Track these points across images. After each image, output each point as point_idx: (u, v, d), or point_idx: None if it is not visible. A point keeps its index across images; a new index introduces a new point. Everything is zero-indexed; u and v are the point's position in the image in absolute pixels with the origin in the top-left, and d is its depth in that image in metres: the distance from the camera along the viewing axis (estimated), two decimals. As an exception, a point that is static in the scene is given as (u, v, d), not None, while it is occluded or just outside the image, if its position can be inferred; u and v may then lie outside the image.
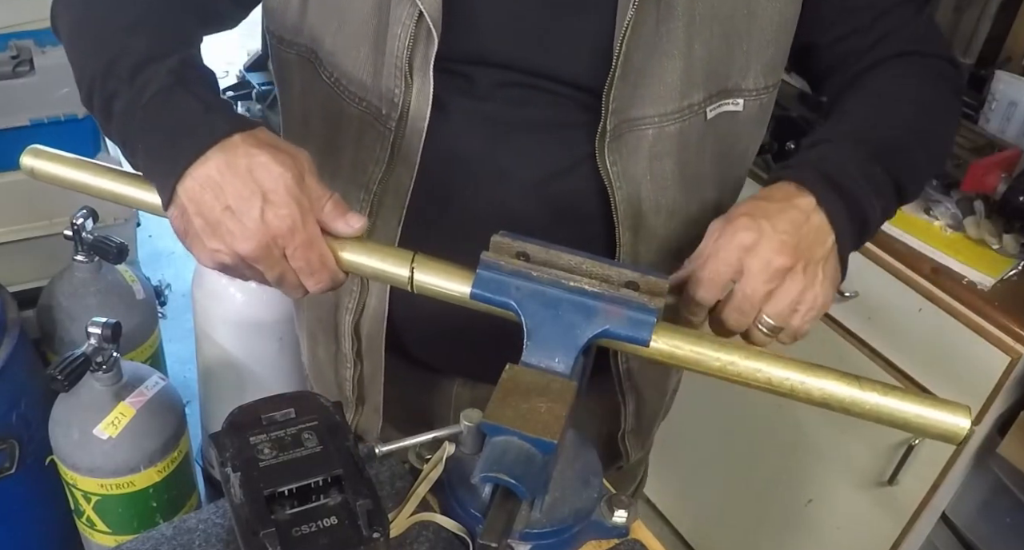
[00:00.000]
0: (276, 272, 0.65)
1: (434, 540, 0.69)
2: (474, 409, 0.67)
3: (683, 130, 0.78)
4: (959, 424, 0.60)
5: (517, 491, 0.58)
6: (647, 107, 0.76)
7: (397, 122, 0.77)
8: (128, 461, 1.38)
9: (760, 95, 0.81)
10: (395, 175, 0.80)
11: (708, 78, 0.77)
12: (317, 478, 0.63)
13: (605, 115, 0.75)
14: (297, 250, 0.64)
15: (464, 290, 0.66)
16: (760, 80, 0.80)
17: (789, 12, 0.78)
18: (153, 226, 2.63)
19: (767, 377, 0.63)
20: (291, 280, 0.66)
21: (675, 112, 0.77)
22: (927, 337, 1.32)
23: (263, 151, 0.63)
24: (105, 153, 1.78)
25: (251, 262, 0.64)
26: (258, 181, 0.62)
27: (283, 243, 0.63)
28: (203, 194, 0.63)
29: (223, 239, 0.63)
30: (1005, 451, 1.29)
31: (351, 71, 0.78)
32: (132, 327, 1.61)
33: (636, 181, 0.78)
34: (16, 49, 1.58)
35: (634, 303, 0.63)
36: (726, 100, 0.79)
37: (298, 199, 0.63)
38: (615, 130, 0.76)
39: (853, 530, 1.53)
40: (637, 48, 0.73)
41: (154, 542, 0.67)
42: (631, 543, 0.70)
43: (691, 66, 0.75)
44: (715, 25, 0.75)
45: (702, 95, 0.77)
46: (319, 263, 0.65)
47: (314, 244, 0.65)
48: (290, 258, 0.64)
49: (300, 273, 0.65)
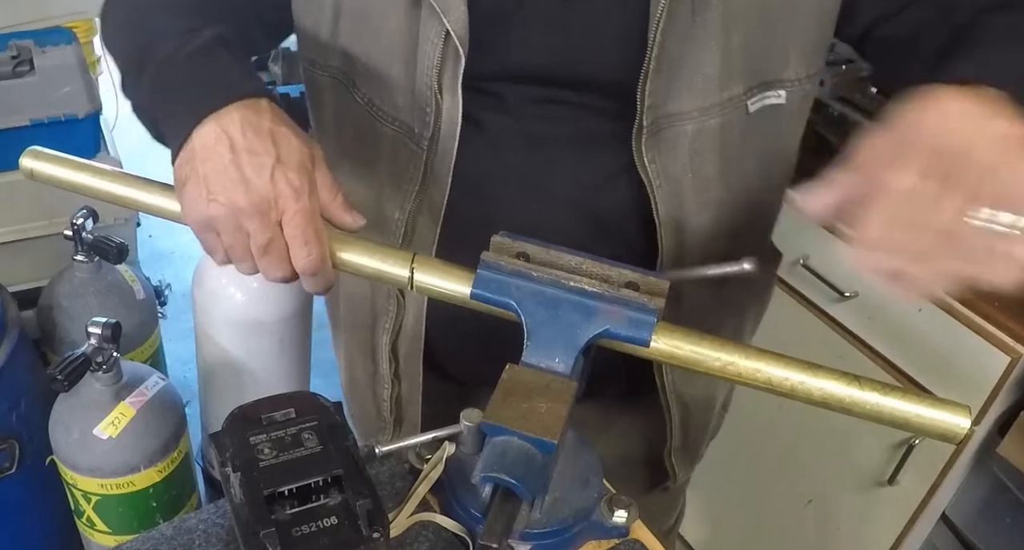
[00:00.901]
0: (266, 236, 0.62)
1: (434, 540, 0.69)
2: (474, 409, 0.67)
3: (724, 125, 0.76)
4: (959, 424, 0.60)
5: (517, 491, 0.58)
6: (685, 101, 0.74)
7: (429, 141, 0.77)
8: (128, 461, 1.38)
9: (803, 84, 0.78)
10: (428, 194, 0.80)
11: (748, 69, 0.75)
12: (317, 478, 0.63)
13: (641, 110, 0.73)
14: (296, 215, 0.62)
15: (464, 290, 0.66)
16: (801, 69, 0.77)
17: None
18: (153, 226, 2.63)
19: (767, 377, 0.63)
20: (279, 249, 0.63)
21: (715, 106, 0.75)
22: (927, 337, 1.32)
23: (287, 126, 0.64)
24: (105, 153, 1.78)
25: (245, 218, 0.62)
26: (276, 144, 0.62)
27: (284, 206, 0.62)
28: (217, 143, 0.62)
29: (224, 187, 0.61)
30: (1005, 451, 1.29)
31: (383, 91, 0.78)
32: (132, 327, 1.61)
33: (677, 179, 0.77)
34: (16, 49, 1.58)
35: (634, 303, 0.63)
36: (768, 92, 0.77)
37: (309, 173, 0.63)
38: (652, 126, 0.74)
39: (853, 530, 1.53)
40: (673, 38, 0.71)
41: (154, 542, 0.67)
42: (631, 543, 0.70)
43: (729, 57, 0.73)
44: (752, 13, 0.73)
45: (742, 87, 0.75)
46: (314, 237, 0.63)
47: (314, 217, 0.63)
48: (286, 224, 0.62)
49: (292, 242, 0.63)
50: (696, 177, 0.77)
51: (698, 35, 0.72)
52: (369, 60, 0.78)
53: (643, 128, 0.74)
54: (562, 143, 0.79)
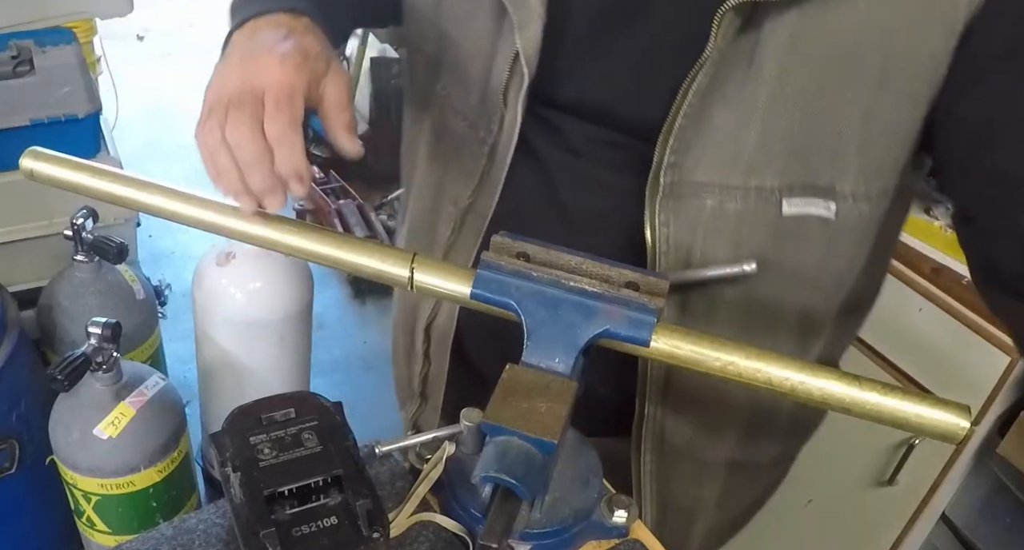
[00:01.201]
0: (245, 113, 0.61)
1: (434, 540, 0.69)
2: (474, 409, 0.67)
3: (745, 215, 0.70)
4: (959, 424, 0.60)
5: (517, 491, 0.58)
6: (709, 172, 0.70)
7: (490, 148, 0.79)
8: (128, 461, 1.38)
9: (859, 204, 0.70)
10: (481, 198, 0.81)
11: (789, 163, 0.68)
12: (317, 478, 0.63)
13: (659, 165, 0.70)
14: (280, 101, 0.62)
15: (464, 290, 0.66)
16: (860, 185, 0.69)
17: (909, 116, 0.67)
18: (153, 226, 2.63)
19: (767, 377, 0.63)
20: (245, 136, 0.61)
21: (739, 189, 0.70)
22: (927, 337, 1.32)
23: (315, 35, 0.68)
24: (105, 153, 1.78)
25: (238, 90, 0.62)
26: (303, 44, 0.65)
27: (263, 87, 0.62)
28: (256, 29, 0.68)
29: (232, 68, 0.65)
30: (1005, 451, 1.29)
31: (460, 88, 0.81)
32: (132, 327, 1.61)
33: (686, 250, 0.73)
34: (16, 49, 1.58)
35: (634, 303, 0.63)
36: (813, 199, 0.69)
37: (319, 77, 0.65)
38: (673, 188, 0.71)
39: (853, 530, 1.53)
40: (712, 99, 0.68)
41: (154, 542, 0.67)
42: (631, 543, 0.70)
43: (769, 142, 0.68)
44: (808, 103, 0.67)
45: (777, 181, 0.69)
46: (290, 131, 0.62)
47: (297, 113, 0.63)
48: (267, 107, 0.62)
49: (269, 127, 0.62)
50: (704, 256, 0.73)
51: (741, 105, 0.68)
52: (456, 54, 0.80)
53: (659, 186, 0.71)
54: (605, 187, 0.79)
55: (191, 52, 4.25)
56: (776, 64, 0.66)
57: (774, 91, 0.67)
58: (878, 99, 0.66)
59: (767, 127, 0.68)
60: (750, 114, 0.68)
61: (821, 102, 0.67)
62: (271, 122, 0.62)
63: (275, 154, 0.62)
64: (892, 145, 0.69)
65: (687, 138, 0.70)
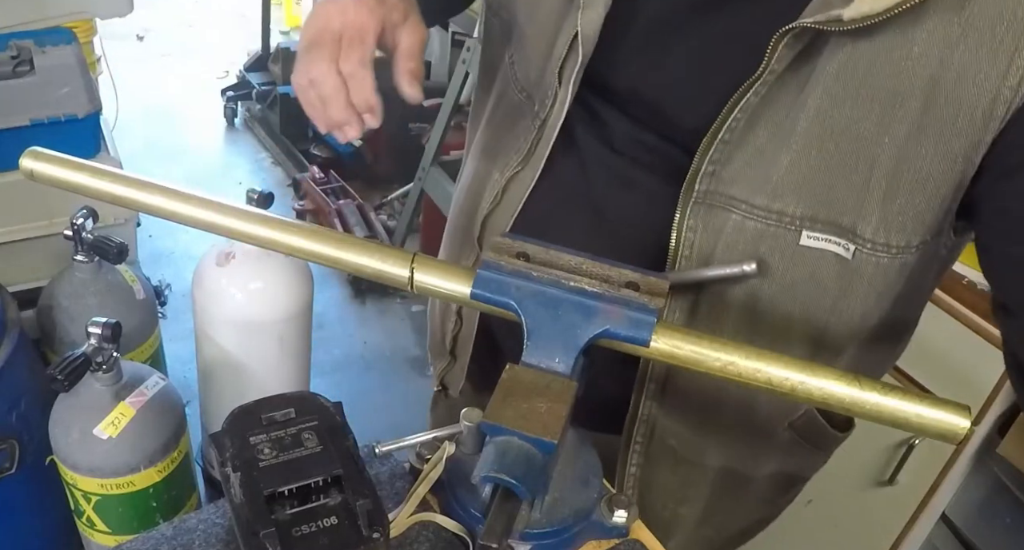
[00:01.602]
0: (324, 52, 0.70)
1: (434, 540, 0.69)
2: (474, 409, 0.67)
3: (764, 236, 0.71)
4: (959, 424, 0.60)
5: (517, 491, 0.58)
6: (740, 186, 0.71)
7: (542, 123, 0.81)
8: (128, 461, 1.38)
9: (878, 252, 0.69)
10: (525, 171, 0.84)
11: (811, 195, 0.69)
12: (317, 478, 0.63)
13: (698, 171, 0.71)
14: (352, 41, 0.70)
15: (464, 290, 0.66)
16: (881, 234, 0.68)
17: (940, 169, 0.65)
18: (153, 226, 2.63)
19: (767, 377, 0.63)
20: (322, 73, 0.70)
21: (761, 210, 0.70)
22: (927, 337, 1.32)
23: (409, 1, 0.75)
24: (105, 154, 1.78)
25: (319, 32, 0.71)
26: None
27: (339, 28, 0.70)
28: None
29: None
30: (1005, 451, 1.29)
31: (524, 59, 0.83)
32: (132, 327, 1.61)
33: (705, 257, 0.74)
34: (16, 49, 1.58)
35: (634, 303, 0.63)
36: (832, 237, 0.69)
37: (395, 24, 0.72)
38: (706, 196, 0.72)
39: (853, 530, 1.53)
40: (757, 120, 0.68)
41: (154, 542, 0.67)
42: (631, 543, 0.70)
43: (797, 169, 0.68)
44: (843, 136, 0.66)
45: (800, 210, 0.69)
46: (360, 68, 0.70)
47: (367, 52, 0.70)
48: (342, 46, 0.70)
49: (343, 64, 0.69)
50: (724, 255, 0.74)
51: (782, 129, 0.68)
52: (526, 26, 0.82)
53: (693, 192, 0.72)
54: (644, 189, 0.79)
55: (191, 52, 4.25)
56: (822, 94, 0.66)
57: (814, 120, 0.67)
58: (912, 146, 0.65)
59: (801, 155, 0.68)
60: (788, 139, 0.68)
61: (857, 140, 0.66)
62: (344, 60, 0.70)
63: (348, 88, 0.70)
64: (920, 199, 0.67)
65: (728, 151, 0.70)
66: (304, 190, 3.10)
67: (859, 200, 0.68)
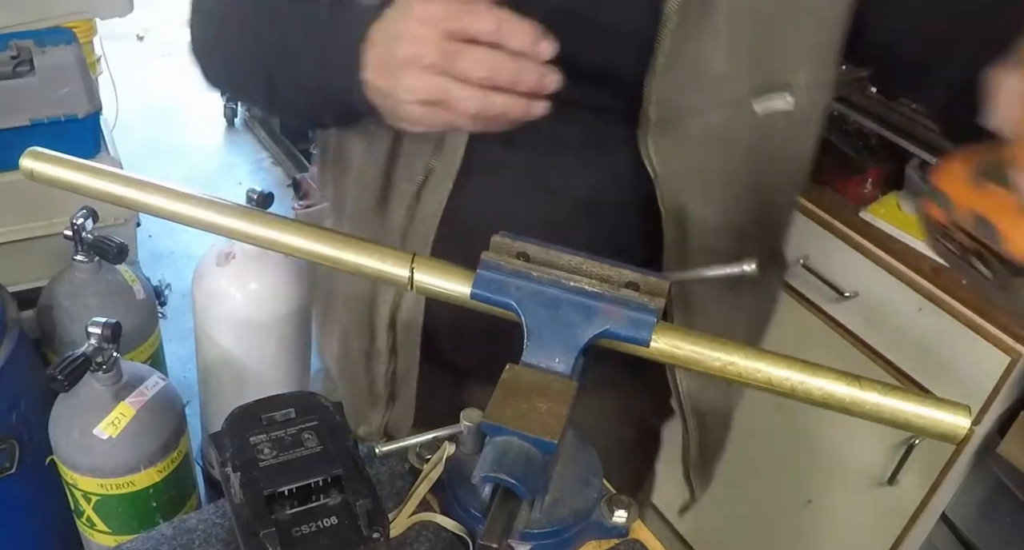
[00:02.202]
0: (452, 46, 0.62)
1: (434, 540, 0.69)
2: (474, 409, 0.67)
3: (730, 124, 0.77)
4: (959, 424, 0.60)
5: (517, 491, 0.58)
6: (692, 97, 0.76)
7: None
8: (128, 461, 1.38)
9: (811, 92, 0.79)
10: (436, 177, 0.79)
11: (753, 70, 0.76)
12: (317, 478, 0.63)
13: (647, 105, 0.75)
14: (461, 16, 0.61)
15: (464, 290, 0.66)
16: (809, 76, 0.78)
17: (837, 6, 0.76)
18: (153, 226, 2.63)
19: (767, 377, 0.63)
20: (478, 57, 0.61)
21: (721, 104, 0.76)
22: (927, 337, 1.32)
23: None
24: (105, 154, 1.78)
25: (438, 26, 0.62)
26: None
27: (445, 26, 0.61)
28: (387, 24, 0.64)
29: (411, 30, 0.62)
30: (1005, 451, 1.29)
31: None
32: (132, 327, 1.61)
33: (681, 173, 0.78)
34: (16, 49, 1.58)
35: (634, 303, 0.63)
36: (774, 94, 0.77)
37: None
38: (659, 122, 0.76)
39: (853, 530, 1.53)
40: (681, 37, 0.73)
41: (154, 542, 0.67)
42: (631, 543, 0.70)
43: (735, 56, 0.75)
44: (757, 17, 0.74)
45: (747, 86, 0.76)
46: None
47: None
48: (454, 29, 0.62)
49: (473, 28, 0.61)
50: (702, 173, 0.79)
51: (704, 34, 0.73)
52: None
53: (649, 122, 0.75)
54: (571, 143, 0.80)
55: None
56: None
57: (728, 12, 0.73)
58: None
59: (731, 45, 0.74)
60: (713, 39, 0.73)
61: (771, 12, 0.74)
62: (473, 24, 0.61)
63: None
64: (828, 37, 0.77)
65: (667, 77, 0.74)
66: (304, 190, 3.10)
67: (787, 57, 0.76)
